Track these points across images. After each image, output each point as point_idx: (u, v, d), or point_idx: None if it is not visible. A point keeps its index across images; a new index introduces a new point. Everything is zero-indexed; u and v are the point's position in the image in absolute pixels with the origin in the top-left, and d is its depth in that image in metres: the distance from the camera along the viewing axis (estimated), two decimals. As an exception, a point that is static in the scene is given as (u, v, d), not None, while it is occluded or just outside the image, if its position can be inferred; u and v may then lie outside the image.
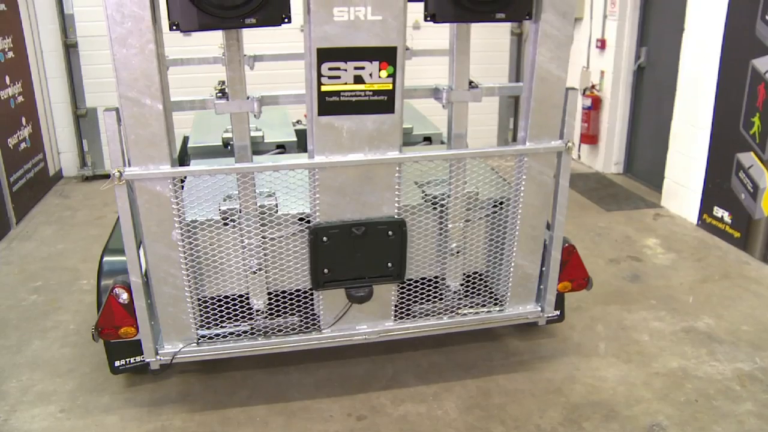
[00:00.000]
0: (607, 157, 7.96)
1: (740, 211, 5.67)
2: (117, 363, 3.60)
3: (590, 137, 7.98)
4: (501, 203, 3.50)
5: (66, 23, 7.58)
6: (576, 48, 7.97)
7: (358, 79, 2.89)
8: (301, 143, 4.61)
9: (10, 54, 6.73)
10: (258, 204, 3.16)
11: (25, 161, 6.90)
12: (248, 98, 2.97)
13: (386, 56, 2.88)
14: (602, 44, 7.68)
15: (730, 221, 5.81)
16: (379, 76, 2.91)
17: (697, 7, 6.12)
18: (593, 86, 7.88)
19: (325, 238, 3.13)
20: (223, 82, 3.09)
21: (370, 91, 2.92)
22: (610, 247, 5.74)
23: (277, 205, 3.24)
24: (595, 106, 7.82)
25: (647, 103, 7.48)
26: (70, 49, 7.67)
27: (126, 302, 3.24)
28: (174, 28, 2.67)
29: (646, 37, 7.39)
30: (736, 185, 5.69)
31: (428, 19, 2.88)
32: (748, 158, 5.53)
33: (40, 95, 7.50)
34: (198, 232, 3.20)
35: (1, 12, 6.58)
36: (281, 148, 4.49)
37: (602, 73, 7.76)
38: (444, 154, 3.32)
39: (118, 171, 2.86)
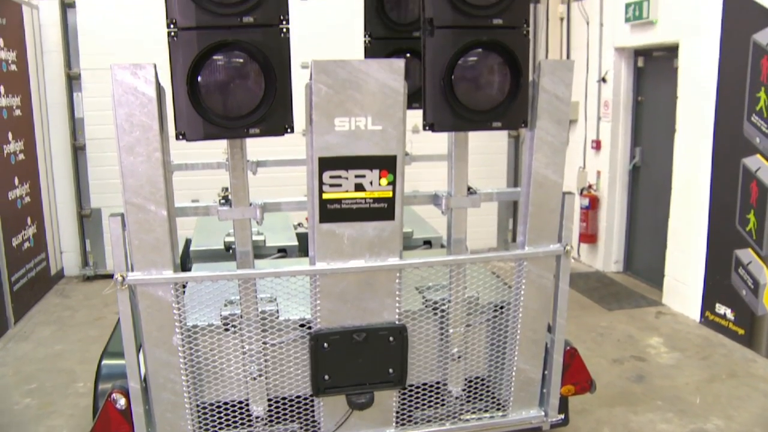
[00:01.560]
0: (607, 256, 8.00)
1: (742, 308, 5.65)
2: (110, 472, 3.50)
3: (589, 236, 8.05)
4: (501, 307, 3.49)
5: (76, 126, 7.83)
6: (572, 149, 8.17)
7: (359, 187, 2.95)
8: (302, 246, 4.64)
9: (21, 156, 6.90)
10: (259, 309, 3.16)
11: (28, 261, 6.93)
12: (251, 205, 3.02)
13: (386, 165, 2.95)
14: (597, 145, 7.87)
15: (733, 318, 5.78)
16: (380, 184, 2.97)
17: (686, 108, 6.33)
18: (590, 186, 8.01)
19: (325, 344, 3.11)
20: (227, 189, 3.14)
21: (370, 198, 2.98)
22: (613, 347, 5.68)
23: (278, 311, 3.23)
24: (592, 205, 7.93)
25: (644, 201, 7.59)
26: (78, 151, 7.88)
27: (123, 408, 3.17)
28: (181, 137, 2.74)
29: (639, 137, 7.59)
30: (737, 282, 5.70)
31: (427, 128, 2.97)
32: (746, 255, 5.57)
33: (46, 195, 7.63)
34: (199, 337, 3.19)
35: (17, 117, 6.80)
36: (283, 252, 4.53)
37: (599, 173, 7.92)
38: (444, 260, 3.35)
39: (121, 276, 2.88)
